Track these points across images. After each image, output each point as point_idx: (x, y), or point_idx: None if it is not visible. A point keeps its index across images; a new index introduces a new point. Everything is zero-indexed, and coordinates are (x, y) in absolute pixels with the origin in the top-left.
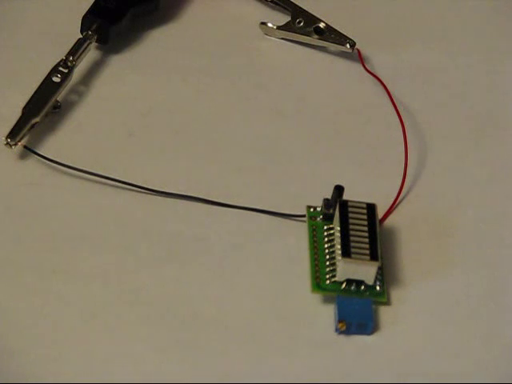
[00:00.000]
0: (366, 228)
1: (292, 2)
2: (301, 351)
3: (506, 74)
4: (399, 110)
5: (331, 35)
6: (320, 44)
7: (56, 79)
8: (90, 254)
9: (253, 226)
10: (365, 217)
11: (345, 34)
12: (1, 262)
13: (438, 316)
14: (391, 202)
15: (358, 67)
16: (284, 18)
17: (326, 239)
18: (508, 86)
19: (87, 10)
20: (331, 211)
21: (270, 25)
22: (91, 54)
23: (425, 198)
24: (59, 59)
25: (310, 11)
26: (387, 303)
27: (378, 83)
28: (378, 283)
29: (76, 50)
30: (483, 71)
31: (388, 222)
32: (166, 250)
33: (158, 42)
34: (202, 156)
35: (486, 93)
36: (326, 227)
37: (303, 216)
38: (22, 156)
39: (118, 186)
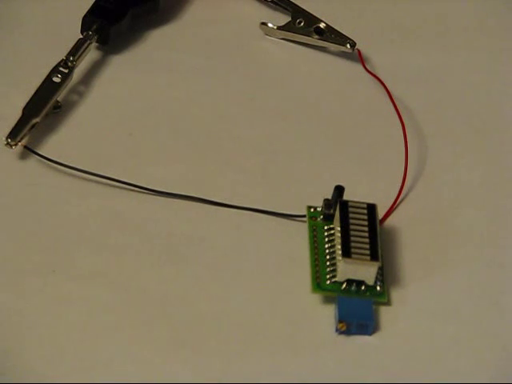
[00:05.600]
0: (366, 228)
1: (292, 2)
2: (301, 351)
3: (505, 74)
4: (399, 109)
5: (331, 35)
6: (320, 44)
7: (56, 79)
8: (90, 254)
9: (253, 225)
10: (365, 217)
11: (345, 34)
12: (1, 261)
13: (439, 316)
14: (391, 202)
15: (358, 67)
16: (284, 18)
17: (327, 239)
18: (508, 86)
19: (87, 10)
20: (331, 211)
21: (270, 25)
22: (91, 54)
23: (425, 198)
24: (59, 59)
25: (310, 11)
26: (387, 303)
27: (378, 83)
28: (378, 283)
29: (76, 50)
30: (483, 71)
31: (388, 222)
32: (166, 250)
33: (158, 42)
34: (202, 156)
35: (485, 93)
36: (326, 227)
37: (303, 216)
38: (22, 156)
39: (118, 186)
